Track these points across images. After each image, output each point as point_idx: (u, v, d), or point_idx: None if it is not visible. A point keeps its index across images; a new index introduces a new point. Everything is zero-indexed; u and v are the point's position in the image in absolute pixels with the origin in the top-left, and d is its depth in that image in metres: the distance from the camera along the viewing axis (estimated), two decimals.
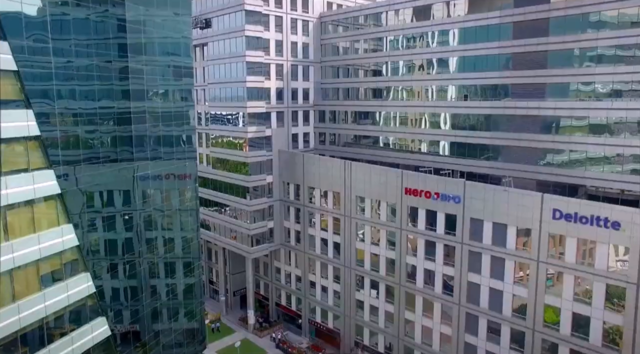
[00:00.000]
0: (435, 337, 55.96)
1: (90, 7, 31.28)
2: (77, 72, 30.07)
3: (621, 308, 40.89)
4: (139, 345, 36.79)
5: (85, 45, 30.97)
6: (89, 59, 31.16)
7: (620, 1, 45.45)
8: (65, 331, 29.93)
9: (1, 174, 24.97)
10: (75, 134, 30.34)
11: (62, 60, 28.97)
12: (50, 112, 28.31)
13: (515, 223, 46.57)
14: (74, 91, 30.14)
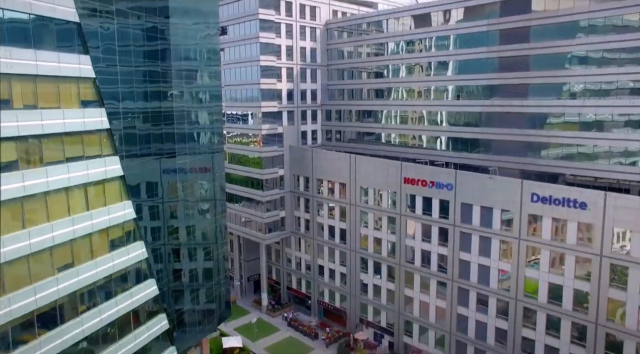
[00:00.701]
0: (432, 311, 62.76)
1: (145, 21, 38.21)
2: (135, 77, 37.00)
3: (588, 276, 47.68)
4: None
5: (140, 53, 37.86)
6: (144, 65, 38.12)
7: (590, 12, 52.17)
8: (126, 287, 36.97)
9: (87, 158, 32.09)
10: (133, 130, 37.34)
11: (125, 67, 35.94)
12: (116, 111, 35.37)
13: (499, 206, 53.39)
14: (133, 92, 37.14)
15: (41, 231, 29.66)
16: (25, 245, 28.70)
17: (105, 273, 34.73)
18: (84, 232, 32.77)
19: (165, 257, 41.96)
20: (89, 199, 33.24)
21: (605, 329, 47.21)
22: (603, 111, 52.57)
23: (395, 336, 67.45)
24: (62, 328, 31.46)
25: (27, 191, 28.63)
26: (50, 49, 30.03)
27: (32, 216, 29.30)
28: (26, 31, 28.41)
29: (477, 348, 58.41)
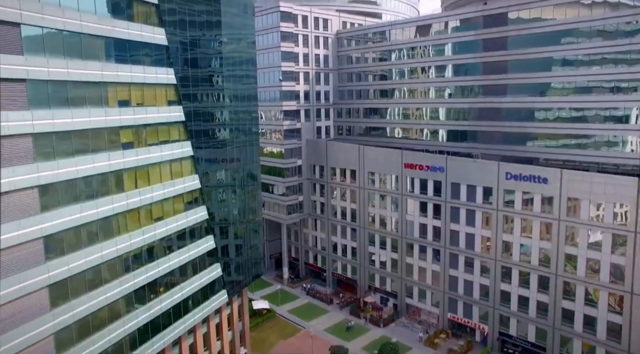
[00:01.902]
0: (428, 274, 75.16)
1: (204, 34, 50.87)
2: (200, 83, 49.82)
3: (549, 237, 59.92)
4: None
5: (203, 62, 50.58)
6: (206, 72, 50.96)
7: (559, 25, 64.32)
8: (193, 240, 49.72)
9: (165, 143, 44.98)
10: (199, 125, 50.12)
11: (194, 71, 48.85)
12: (189, 109, 48.21)
13: (481, 183, 65.74)
14: (202, 94, 49.95)
15: (146, 191, 42.49)
16: (136, 200, 41.51)
17: (182, 226, 47.52)
18: (169, 195, 45.57)
19: (217, 223, 54.44)
20: (173, 171, 46.08)
21: (562, 279, 59.43)
22: (564, 106, 64.72)
23: (398, 299, 79.89)
24: (157, 262, 44.26)
25: (139, 163, 41.51)
26: (151, 64, 42.91)
27: (141, 180, 42.16)
28: (138, 52, 41.30)
29: (465, 302, 70.76)
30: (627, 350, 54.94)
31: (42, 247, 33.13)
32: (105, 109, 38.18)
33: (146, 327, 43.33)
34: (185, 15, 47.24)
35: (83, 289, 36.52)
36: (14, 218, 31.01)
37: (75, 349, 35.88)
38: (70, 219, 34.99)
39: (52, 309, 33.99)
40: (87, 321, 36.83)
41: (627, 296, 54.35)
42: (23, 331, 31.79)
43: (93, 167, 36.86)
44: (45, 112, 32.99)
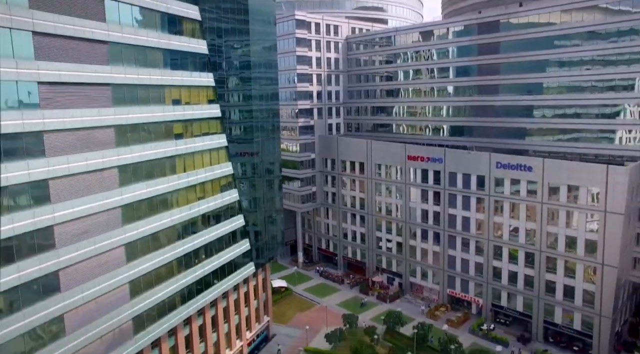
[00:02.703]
0: (429, 255, 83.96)
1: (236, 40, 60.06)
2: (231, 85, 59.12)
3: (534, 218, 68.57)
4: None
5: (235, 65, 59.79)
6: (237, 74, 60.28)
7: (544, 32, 72.92)
8: (227, 217, 58.97)
9: (206, 135, 54.28)
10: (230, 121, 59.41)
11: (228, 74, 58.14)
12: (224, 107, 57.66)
13: (475, 172, 74.48)
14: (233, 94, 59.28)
15: (190, 175, 51.86)
16: (184, 181, 50.87)
17: (219, 205, 56.79)
18: (209, 178, 54.87)
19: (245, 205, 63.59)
20: (211, 159, 55.42)
21: (545, 254, 68.09)
22: (548, 103, 73.33)
23: (403, 278, 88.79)
24: (200, 233, 53.57)
25: (187, 150, 50.87)
26: (196, 69, 52.28)
27: (188, 165, 51.51)
28: (186, 60, 50.66)
29: (462, 279, 79.50)
30: (599, 314, 63.52)
31: (120, 214, 42.54)
32: (163, 106, 47.60)
33: (191, 287, 52.65)
34: (221, 29, 56.51)
35: (147, 250, 45.90)
36: (104, 190, 40.45)
37: (141, 297, 45.28)
38: (139, 193, 44.40)
39: (127, 263, 43.39)
40: (150, 276, 46.21)
41: (599, 267, 62.92)
42: (110, 277, 41.21)
43: (154, 152, 46.27)
44: (123, 108, 42.43)
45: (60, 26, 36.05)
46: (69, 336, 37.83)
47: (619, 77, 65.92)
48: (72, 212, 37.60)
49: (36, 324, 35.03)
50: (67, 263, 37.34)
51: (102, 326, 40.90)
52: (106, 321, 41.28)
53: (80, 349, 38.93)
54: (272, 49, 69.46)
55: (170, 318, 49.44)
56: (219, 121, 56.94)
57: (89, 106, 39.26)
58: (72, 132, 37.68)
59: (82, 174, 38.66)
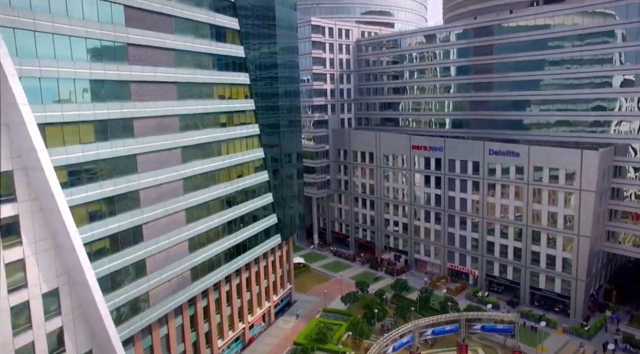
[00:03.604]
0: (431, 233, 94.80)
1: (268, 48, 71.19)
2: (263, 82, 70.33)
3: (521, 197, 79.24)
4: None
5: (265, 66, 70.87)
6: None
7: (531, 36, 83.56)
8: (260, 194, 70.22)
9: (243, 124, 65.55)
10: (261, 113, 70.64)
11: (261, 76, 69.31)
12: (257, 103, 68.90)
13: (471, 158, 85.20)
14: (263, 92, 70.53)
15: (232, 156, 63.17)
16: (226, 162, 62.13)
17: (253, 183, 68.03)
18: (245, 160, 66.18)
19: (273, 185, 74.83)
20: (247, 144, 66.71)
21: (531, 228, 78.75)
22: (535, 98, 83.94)
23: (409, 255, 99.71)
24: (239, 205, 64.84)
25: (229, 137, 62.20)
26: (235, 70, 63.59)
27: (229, 149, 62.80)
28: (228, 62, 61.98)
29: (460, 253, 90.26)
30: (576, 277, 74.16)
31: (182, 185, 53.93)
32: (212, 100, 59.00)
33: (232, 249, 63.95)
34: (254, 35, 67.78)
35: (200, 215, 57.26)
36: (171, 165, 51.87)
37: (197, 253, 56.66)
38: (195, 169, 55.80)
39: (187, 224, 54.81)
40: (203, 237, 57.58)
41: (575, 238, 73.55)
42: (175, 234, 52.61)
43: (206, 137, 57.66)
44: (184, 102, 53.84)
45: (146, 38, 47.51)
46: (149, 275, 49.27)
47: (593, 75, 76.48)
48: (151, 181, 49.04)
49: (128, 263, 46.48)
50: (148, 219, 48.79)
51: (170, 272, 52.32)
52: (172, 268, 52.70)
53: (155, 287, 50.35)
54: (294, 51, 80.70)
55: (216, 273, 60.81)
56: (253, 113, 68.26)
57: (161, 99, 50.69)
58: (151, 119, 49.13)
59: (157, 152, 50.08)
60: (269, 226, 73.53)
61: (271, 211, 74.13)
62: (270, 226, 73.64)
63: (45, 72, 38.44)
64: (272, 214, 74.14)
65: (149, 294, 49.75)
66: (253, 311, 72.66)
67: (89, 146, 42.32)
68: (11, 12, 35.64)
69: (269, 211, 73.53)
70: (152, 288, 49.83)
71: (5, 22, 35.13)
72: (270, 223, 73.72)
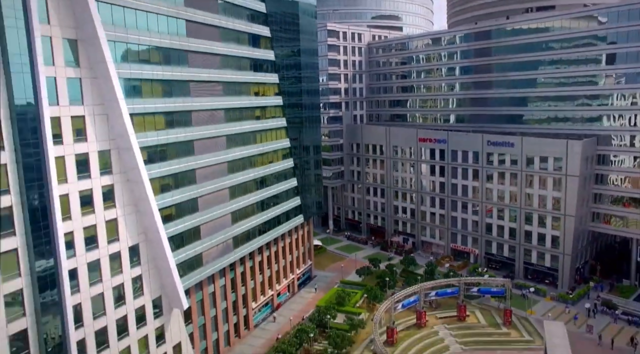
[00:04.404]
0: (436, 217, 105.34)
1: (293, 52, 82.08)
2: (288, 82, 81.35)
3: (516, 183, 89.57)
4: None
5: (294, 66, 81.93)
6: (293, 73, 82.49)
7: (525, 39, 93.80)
8: (286, 179, 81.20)
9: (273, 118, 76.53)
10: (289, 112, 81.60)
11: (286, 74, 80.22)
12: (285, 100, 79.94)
13: (471, 149, 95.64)
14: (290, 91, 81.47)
15: (264, 145, 74.23)
16: (260, 149, 73.16)
17: (281, 168, 79.08)
18: (275, 149, 77.24)
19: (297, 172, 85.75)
20: (276, 135, 77.72)
21: (524, 210, 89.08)
22: (529, 95, 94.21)
23: (416, 238, 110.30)
24: (269, 187, 75.88)
25: (262, 128, 73.25)
26: (267, 71, 74.63)
27: (262, 138, 73.80)
28: (262, 64, 73.06)
29: (462, 234, 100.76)
30: (563, 252, 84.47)
31: (227, 167, 65.06)
32: (249, 97, 70.12)
33: (264, 225, 74.99)
34: (282, 40, 78.78)
35: (240, 193, 68.37)
36: (218, 150, 63.01)
37: (237, 225, 67.73)
38: (236, 154, 66.91)
39: (230, 199, 65.94)
40: (242, 211, 68.67)
41: (562, 217, 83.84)
42: (221, 207, 63.73)
43: (245, 127, 68.76)
44: (228, 98, 64.98)
45: (201, 46, 58.73)
46: (202, 239, 60.46)
47: (579, 74, 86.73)
48: (204, 162, 60.22)
49: (188, 228, 57.65)
50: (202, 193, 59.95)
51: (217, 238, 63.45)
52: (219, 235, 63.85)
53: (207, 250, 61.52)
54: (315, 54, 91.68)
55: (251, 243, 71.90)
56: (281, 108, 79.29)
57: (211, 95, 61.85)
58: (203, 112, 60.32)
59: (208, 139, 61.26)
60: (294, 207, 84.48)
61: (295, 194, 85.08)
62: (294, 207, 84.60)
63: (134, 74, 49.70)
64: (296, 196, 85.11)
65: (202, 255, 60.90)
66: (280, 280, 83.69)
67: (161, 132, 53.58)
68: (113, 29, 46.92)
69: (294, 194, 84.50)
70: (204, 250, 61.00)
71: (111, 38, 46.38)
72: (295, 204, 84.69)
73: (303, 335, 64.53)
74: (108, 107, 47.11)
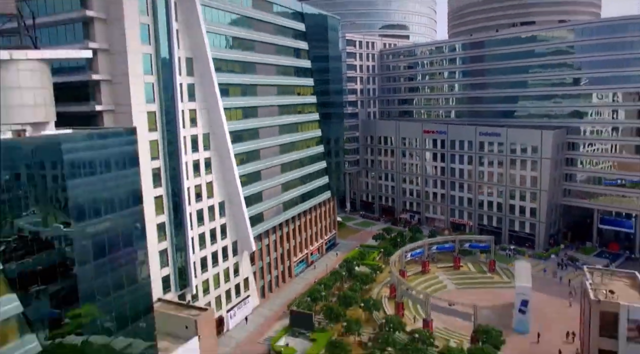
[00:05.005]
0: (438, 196, 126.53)
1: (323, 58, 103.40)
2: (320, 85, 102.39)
3: (502, 166, 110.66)
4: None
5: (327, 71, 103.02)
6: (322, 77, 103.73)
7: (512, 49, 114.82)
8: (318, 161, 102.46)
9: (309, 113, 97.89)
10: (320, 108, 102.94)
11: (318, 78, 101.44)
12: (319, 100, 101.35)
13: (466, 139, 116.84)
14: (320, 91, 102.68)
15: (303, 133, 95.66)
16: (301, 137, 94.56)
17: (314, 153, 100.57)
18: (311, 137, 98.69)
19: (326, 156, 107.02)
20: (312, 126, 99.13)
21: (509, 187, 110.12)
22: (524, 94, 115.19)
23: (421, 214, 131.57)
24: (306, 167, 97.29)
25: (302, 120, 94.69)
26: (306, 76, 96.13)
27: (302, 128, 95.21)
28: (302, 71, 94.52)
29: (459, 210, 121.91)
30: (538, 220, 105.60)
31: (279, 149, 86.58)
32: (294, 96, 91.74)
33: (302, 196, 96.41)
34: (315, 49, 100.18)
35: (287, 169, 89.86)
36: (274, 135, 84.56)
37: (285, 194, 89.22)
38: (284, 140, 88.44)
39: (281, 173, 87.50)
40: (288, 184, 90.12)
41: (538, 193, 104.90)
42: (275, 179, 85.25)
43: (291, 120, 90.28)
44: (280, 96, 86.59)
45: (264, 58, 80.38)
46: (264, 202, 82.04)
47: (551, 78, 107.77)
48: (265, 144, 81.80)
49: (254, 192, 79.17)
50: (263, 167, 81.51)
51: (273, 202, 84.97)
52: (273, 200, 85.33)
53: (266, 210, 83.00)
54: (339, 60, 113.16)
55: (294, 209, 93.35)
56: (315, 105, 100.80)
57: (269, 95, 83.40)
58: (265, 107, 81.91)
59: (268, 127, 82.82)
60: (323, 184, 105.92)
61: (324, 174, 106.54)
62: (323, 184, 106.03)
63: (225, 80, 71.36)
64: (325, 176, 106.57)
65: (263, 214, 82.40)
66: (312, 243, 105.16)
67: (240, 121, 75.22)
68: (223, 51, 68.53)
69: (324, 174, 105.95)
70: (264, 210, 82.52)
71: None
72: (324, 182, 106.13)
73: (337, 275, 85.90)
74: (210, 103, 68.64)
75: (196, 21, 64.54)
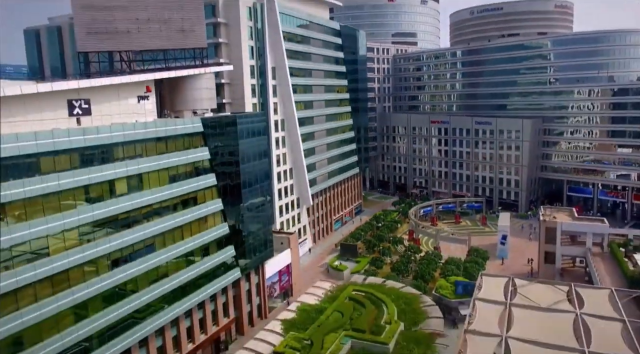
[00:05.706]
0: (442, 174, 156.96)
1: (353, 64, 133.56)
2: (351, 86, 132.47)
3: (493, 147, 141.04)
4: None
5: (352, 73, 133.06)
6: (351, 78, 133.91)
7: (502, 55, 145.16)
8: (350, 143, 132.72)
9: (344, 105, 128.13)
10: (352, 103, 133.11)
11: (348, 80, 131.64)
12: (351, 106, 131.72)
13: (465, 127, 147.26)
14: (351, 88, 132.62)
15: (341, 122, 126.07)
16: (339, 124, 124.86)
17: (347, 137, 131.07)
18: (345, 125, 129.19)
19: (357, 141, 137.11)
20: (346, 116, 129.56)
21: (498, 164, 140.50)
22: (510, 91, 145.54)
23: (428, 189, 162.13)
24: (342, 147, 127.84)
25: (339, 111, 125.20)
26: (342, 78, 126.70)
27: (340, 118, 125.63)
28: (339, 74, 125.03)
29: (459, 184, 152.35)
30: (521, 189, 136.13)
31: (325, 132, 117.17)
32: (335, 93, 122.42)
33: (340, 168, 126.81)
34: (347, 54, 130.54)
35: (331, 148, 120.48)
36: (322, 122, 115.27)
37: (330, 165, 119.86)
38: (329, 126, 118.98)
39: (327, 151, 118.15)
40: (331, 158, 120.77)
41: (520, 168, 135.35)
42: (323, 155, 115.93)
43: (332, 111, 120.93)
44: (326, 93, 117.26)
45: (316, 66, 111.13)
46: (317, 170, 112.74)
47: (534, 79, 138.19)
48: (317, 128, 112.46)
49: (311, 162, 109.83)
50: (316, 145, 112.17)
51: (322, 171, 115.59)
52: (322, 170, 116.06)
53: (318, 176, 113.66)
54: (364, 64, 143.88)
55: (335, 178, 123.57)
56: (348, 100, 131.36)
57: (320, 92, 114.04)
58: (317, 102, 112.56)
59: (319, 116, 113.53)
60: (354, 162, 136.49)
61: (355, 154, 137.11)
62: (354, 162, 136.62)
63: (294, 82, 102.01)
64: (355, 155, 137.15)
65: (316, 179, 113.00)
66: (345, 207, 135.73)
67: (303, 111, 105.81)
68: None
69: (354, 154, 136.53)
70: (317, 176, 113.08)
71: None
72: (354, 160, 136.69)
73: (369, 225, 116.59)
74: (285, 98, 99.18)
75: (279, 42, 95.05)
